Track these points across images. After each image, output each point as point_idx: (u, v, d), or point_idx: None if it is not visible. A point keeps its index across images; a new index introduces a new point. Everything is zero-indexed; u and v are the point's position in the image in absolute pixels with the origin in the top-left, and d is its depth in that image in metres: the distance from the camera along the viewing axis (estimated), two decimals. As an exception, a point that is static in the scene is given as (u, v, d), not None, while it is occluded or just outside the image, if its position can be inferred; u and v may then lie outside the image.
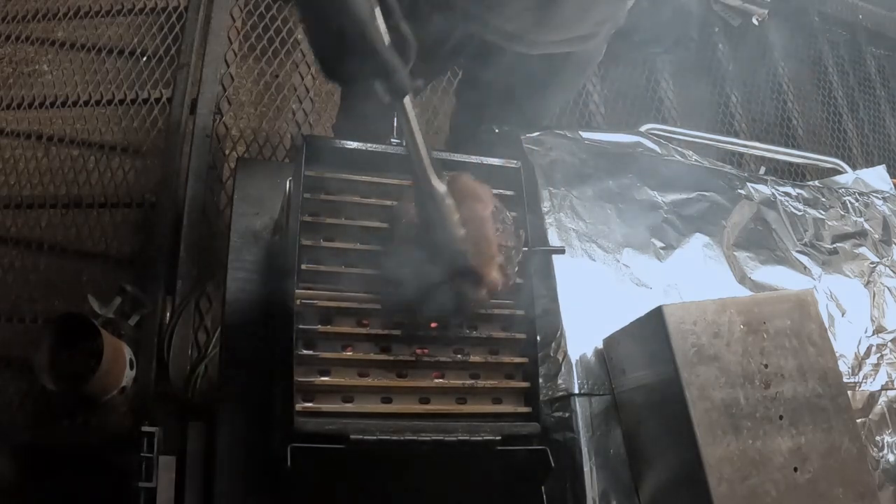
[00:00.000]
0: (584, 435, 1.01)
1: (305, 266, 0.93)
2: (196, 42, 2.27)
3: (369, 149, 1.00)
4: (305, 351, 0.90)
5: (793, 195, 1.43)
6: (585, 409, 1.03)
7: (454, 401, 0.94)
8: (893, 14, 3.68)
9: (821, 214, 1.43)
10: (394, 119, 0.98)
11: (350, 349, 0.92)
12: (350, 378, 0.91)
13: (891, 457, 1.16)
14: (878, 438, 1.17)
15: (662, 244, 1.24)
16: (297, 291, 0.90)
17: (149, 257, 1.94)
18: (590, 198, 1.24)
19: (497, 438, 0.89)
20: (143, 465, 1.04)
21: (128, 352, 1.75)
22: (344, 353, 0.92)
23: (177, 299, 1.85)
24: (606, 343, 1.08)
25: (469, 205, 0.91)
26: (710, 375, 0.92)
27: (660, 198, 1.29)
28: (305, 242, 0.93)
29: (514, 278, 0.96)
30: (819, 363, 0.98)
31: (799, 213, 1.41)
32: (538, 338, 0.99)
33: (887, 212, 1.51)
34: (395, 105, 0.83)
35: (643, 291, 1.17)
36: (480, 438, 0.88)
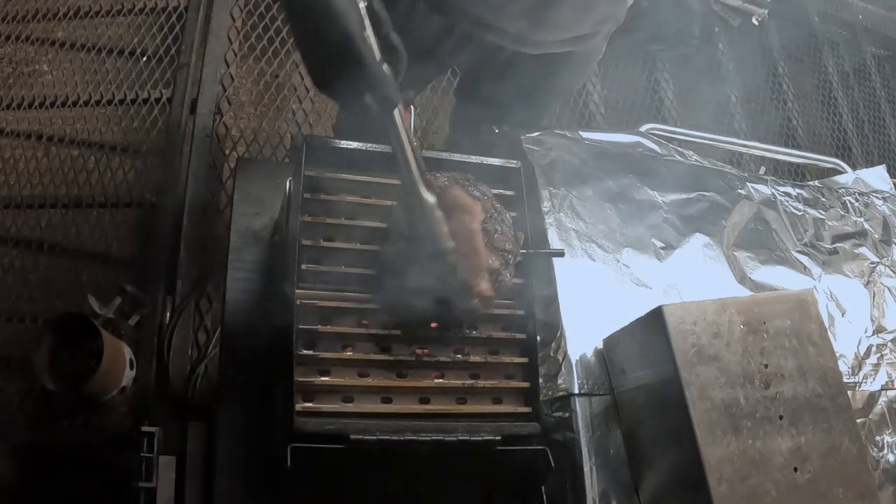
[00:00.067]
0: (584, 435, 1.01)
1: (305, 266, 0.93)
2: (196, 42, 2.27)
3: (369, 149, 1.00)
4: (305, 351, 0.90)
5: (793, 195, 1.43)
6: (585, 409, 1.03)
7: (454, 401, 0.94)
8: (893, 14, 3.67)
9: (821, 214, 1.43)
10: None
11: (350, 349, 0.92)
12: (350, 378, 0.91)
13: (891, 457, 1.16)
14: (878, 438, 1.17)
15: (662, 244, 1.24)
16: (297, 291, 0.90)
17: (149, 257, 1.94)
18: (590, 198, 1.24)
19: (497, 438, 0.89)
20: (143, 465, 1.04)
21: (128, 352, 1.76)
22: (344, 353, 0.92)
23: (177, 299, 1.85)
24: (606, 343, 1.08)
25: (458, 217, 0.91)
26: (710, 375, 0.92)
27: (660, 198, 1.29)
28: (305, 242, 0.93)
29: (511, 282, 0.96)
30: (819, 363, 0.97)
31: (799, 213, 1.40)
32: (538, 338, 0.99)
33: (887, 212, 1.50)
34: (385, 117, 0.83)
35: (643, 291, 1.17)
36: (480, 438, 0.88)
